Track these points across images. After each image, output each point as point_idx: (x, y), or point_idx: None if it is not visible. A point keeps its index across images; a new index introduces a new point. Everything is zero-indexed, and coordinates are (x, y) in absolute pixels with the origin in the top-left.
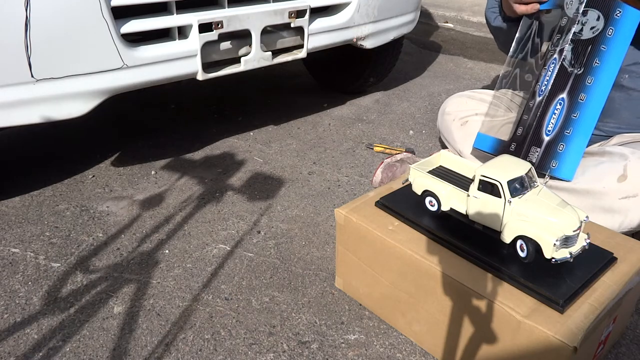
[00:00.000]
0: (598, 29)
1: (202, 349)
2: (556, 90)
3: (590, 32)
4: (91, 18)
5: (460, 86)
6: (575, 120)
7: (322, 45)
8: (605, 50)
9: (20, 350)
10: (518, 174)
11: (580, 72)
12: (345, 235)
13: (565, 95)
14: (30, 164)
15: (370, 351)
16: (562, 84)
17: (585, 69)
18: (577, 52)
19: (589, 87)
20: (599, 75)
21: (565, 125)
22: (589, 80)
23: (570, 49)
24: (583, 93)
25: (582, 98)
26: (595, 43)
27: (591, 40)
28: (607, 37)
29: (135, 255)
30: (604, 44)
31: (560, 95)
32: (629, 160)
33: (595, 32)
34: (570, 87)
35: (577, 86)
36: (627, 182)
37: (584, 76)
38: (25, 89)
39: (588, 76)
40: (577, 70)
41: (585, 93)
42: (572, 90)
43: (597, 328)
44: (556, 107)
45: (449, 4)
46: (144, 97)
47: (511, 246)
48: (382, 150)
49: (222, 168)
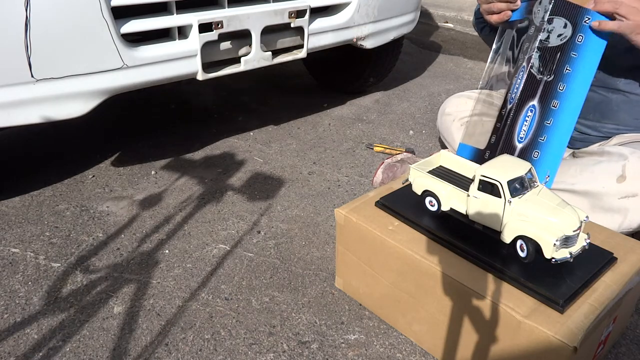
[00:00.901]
0: (566, 36)
1: (202, 349)
2: (526, 97)
3: (557, 39)
4: (91, 18)
5: (460, 86)
6: (549, 127)
7: (322, 45)
8: (576, 57)
9: (20, 350)
10: (518, 174)
11: (550, 79)
12: (345, 235)
13: (536, 102)
14: (30, 164)
15: (370, 351)
16: (531, 91)
17: (556, 75)
18: (545, 60)
19: (562, 94)
20: (571, 82)
21: (538, 133)
22: (561, 87)
23: (537, 56)
24: (555, 100)
25: (554, 105)
26: (564, 50)
27: (559, 48)
28: (577, 43)
29: (135, 255)
30: (574, 51)
31: (531, 103)
32: (627, 160)
33: (563, 39)
34: (541, 94)
35: (548, 93)
36: (626, 182)
37: (555, 83)
38: (25, 89)
39: (559, 83)
40: (547, 78)
41: (557, 100)
42: (543, 97)
43: (597, 328)
44: (527, 114)
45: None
46: (144, 97)
47: (511, 246)
48: (382, 150)
49: (222, 168)
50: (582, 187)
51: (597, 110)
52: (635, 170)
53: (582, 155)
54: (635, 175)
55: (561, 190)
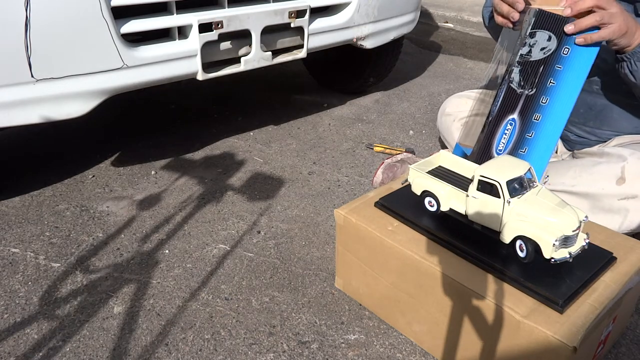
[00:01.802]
0: (550, 49)
1: (202, 349)
2: (505, 111)
3: (540, 53)
4: (91, 18)
5: (460, 86)
6: (531, 140)
7: (322, 45)
8: (561, 69)
9: (20, 350)
10: (517, 174)
11: (531, 92)
12: (345, 236)
13: (516, 115)
14: (30, 164)
15: (370, 351)
16: (511, 105)
17: (538, 89)
18: (526, 74)
19: (545, 107)
20: (555, 95)
21: (519, 145)
22: (544, 100)
23: (517, 71)
24: (538, 113)
25: (536, 118)
26: (547, 63)
27: (543, 61)
28: (563, 56)
29: (135, 255)
30: (559, 64)
31: (510, 116)
32: (627, 162)
33: (547, 52)
34: (522, 107)
35: (529, 106)
36: (626, 184)
37: (537, 96)
38: (25, 89)
39: (542, 96)
40: (528, 91)
41: (540, 113)
42: (524, 110)
43: (597, 328)
44: (506, 127)
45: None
46: (144, 97)
47: (510, 246)
48: (382, 151)
49: (222, 168)
50: (582, 189)
51: (597, 118)
52: (634, 172)
53: (582, 156)
54: (634, 177)
55: (561, 191)
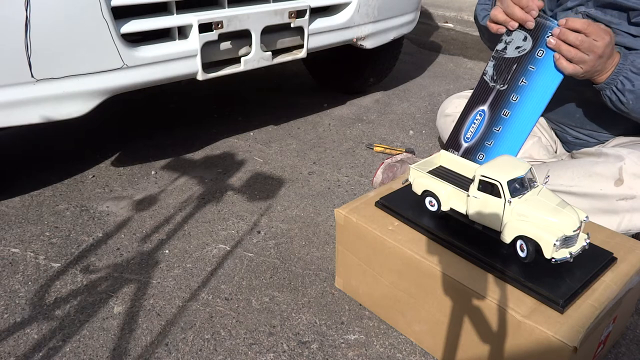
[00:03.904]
0: (524, 49)
1: (202, 349)
2: (477, 101)
3: (515, 51)
4: (91, 18)
5: (460, 86)
6: (498, 134)
7: (322, 45)
8: (534, 70)
9: (20, 350)
10: (518, 174)
11: (503, 88)
12: (345, 236)
13: (487, 107)
14: (30, 164)
15: (370, 351)
16: (482, 97)
17: (510, 86)
18: (499, 69)
19: (514, 104)
20: (526, 94)
21: (486, 137)
22: (514, 97)
23: (492, 65)
24: (507, 109)
25: (505, 114)
26: (521, 62)
27: (516, 60)
28: (537, 57)
29: (135, 255)
30: (532, 64)
31: (481, 107)
32: (624, 162)
33: (522, 52)
34: (492, 101)
35: (499, 101)
36: (624, 185)
37: (508, 93)
38: (25, 89)
39: (513, 93)
40: (500, 86)
41: (509, 109)
42: (494, 104)
43: (597, 328)
44: (476, 117)
45: (449, 4)
46: (144, 97)
47: (511, 246)
48: (382, 151)
49: (222, 168)
50: (580, 189)
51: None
52: (632, 173)
53: (580, 156)
54: (632, 179)
55: (559, 192)
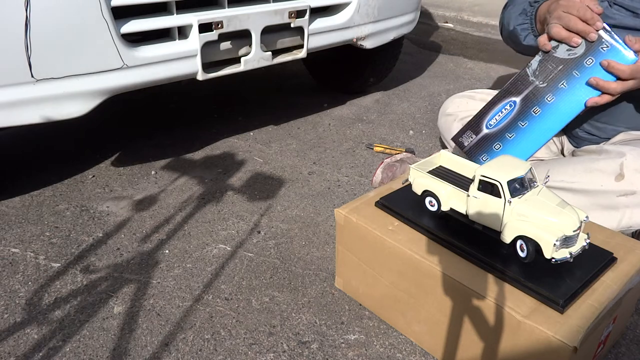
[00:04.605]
0: (575, 53)
1: (202, 349)
2: (511, 90)
3: (565, 52)
4: (91, 18)
5: (460, 86)
6: (521, 129)
7: (322, 45)
8: (577, 77)
9: (20, 350)
10: (518, 174)
11: (542, 85)
12: (345, 236)
13: (519, 100)
14: (31, 164)
15: (370, 351)
16: (518, 88)
17: (549, 85)
18: (544, 66)
19: (547, 105)
20: (561, 98)
21: (509, 128)
22: (549, 97)
23: (538, 59)
24: (539, 107)
25: (535, 111)
26: (567, 65)
27: (564, 61)
28: (585, 65)
29: (135, 255)
30: (577, 71)
31: (513, 98)
32: (625, 158)
33: (572, 55)
34: (527, 95)
35: (534, 97)
36: (625, 180)
37: (545, 91)
38: (25, 89)
39: (549, 94)
40: (540, 83)
41: (540, 108)
42: (528, 99)
43: (597, 328)
44: (505, 106)
45: (449, 4)
46: (144, 97)
47: (511, 246)
48: (382, 151)
49: (222, 168)
50: (581, 185)
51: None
52: (633, 168)
53: (581, 154)
54: (633, 174)
55: (560, 188)
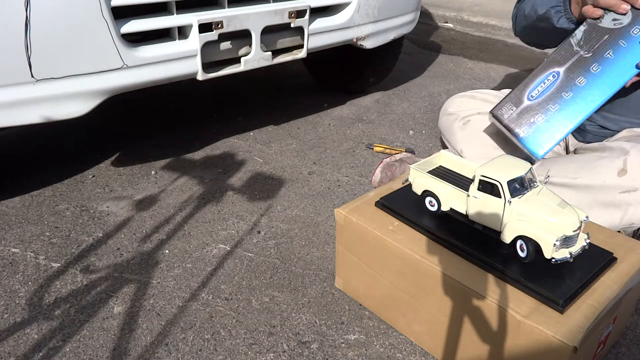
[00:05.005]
0: (621, 23)
1: (202, 349)
2: (555, 61)
3: (611, 22)
4: (91, 18)
5: (460, 86)
6: (565, 100)
7: (322, 45)
8: (624, 46)
9: (20, 350)
10: (518, 174)
11: (587, 55)
12: (345, 235)
13: (563, 70)
14: (31, 164)
15: (370, 351)
16: (561, 59)
17: (594, 55)
18: (589, 36)
19: (592, 75)
20: (608, 68)
21: (552, 99)
22: (595, 67)
23: (583, 30)
24: (583, 77)
25: (580, 81)
26: (613, 35)
27: (609, 31)
28: (631, 35)
29: (135, 255)
30: (624, 40)
31: (556, 68)
32: (629, 154)
33: (617, 24)
34: (571, 65)
35: (578, 67)
36: (627, 176)
37: (590, 61)
38: (25, 89)
39: (595, 63)
40: (584, 53)
41: (586, 78)
42: (572, 69)
43: (597, 328)
44: (548, 77)
45: (449, 4)
46: (144, 97)
47: (511, 246)
48: (382, 151)
49: (222, 168)
50: (583, 181)
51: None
52: (636, 165)
53: (584, 152)
54: (636, 170)
55: (562, 185)
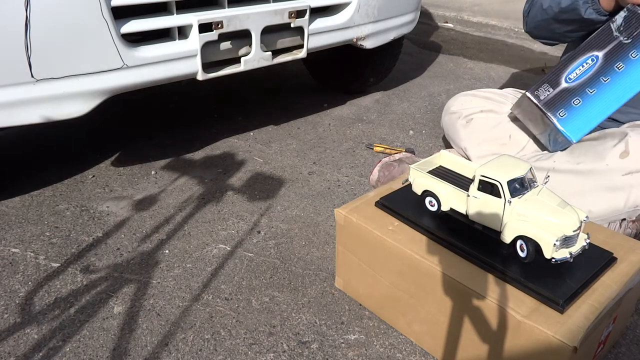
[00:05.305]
0: None
1: (202, 349)
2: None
3: None
4: (91, 18)
5: (460, 86)
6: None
7: (322, 45)
8: None
9: (20, 350)
10: (518, 174)
11: (626, 41)
12: (345, 235)
13: (601, 54)
14: (31, 164)
15: (370, 351)
16: (600, 43)
17: (634, 41)
18: (629, 22)
19: (631, 61)
20: None
21: (590, 83)
22: (634, 54)
23: (623, 15)
24: (622, 63)
25: (619, 67)
26: None
27: None
28: None
29: (135, 255)
30: None
31: (595, 52)
32: (629, 136)
33: None
34: (610, 50)
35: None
36: (630, 157)
37: (629, 47)
38: (25, 89)
39: (634, 50)
40: (624, 39)
41: (624, 64)
42: (611, 54)
43: (597, 328)
44: (587, 60)
45: (449, 4)
46: (144, 97)
47: (511, 246)
48: (382, 151)
49: (222, 168)
50: (587, 166)
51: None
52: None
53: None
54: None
55: (566, 170)
